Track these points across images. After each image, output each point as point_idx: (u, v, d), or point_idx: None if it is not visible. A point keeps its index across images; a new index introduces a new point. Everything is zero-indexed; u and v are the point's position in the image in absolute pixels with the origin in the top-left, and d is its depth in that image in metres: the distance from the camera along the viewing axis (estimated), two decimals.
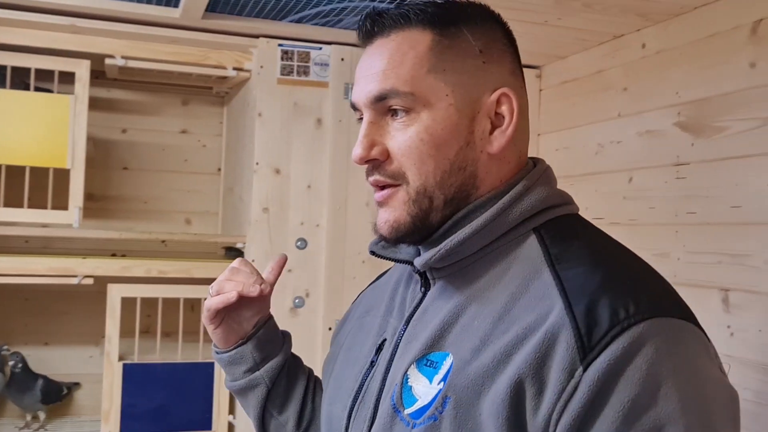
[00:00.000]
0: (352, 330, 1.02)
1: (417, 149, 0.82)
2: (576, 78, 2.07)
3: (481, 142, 0.84)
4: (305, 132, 2.16)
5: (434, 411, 0.76)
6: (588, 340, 0.70)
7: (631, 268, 0.80)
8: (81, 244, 2.30)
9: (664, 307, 0.73)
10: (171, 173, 2.57)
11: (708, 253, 1.56)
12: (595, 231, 0.86)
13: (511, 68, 0.87)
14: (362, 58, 0.87)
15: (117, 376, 2.06)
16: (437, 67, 0.82)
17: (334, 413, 0.93)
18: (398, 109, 0.83)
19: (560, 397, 0.69)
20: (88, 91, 2.05)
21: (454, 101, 0.83)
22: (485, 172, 0.85)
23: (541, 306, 0.75)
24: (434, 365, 0.80)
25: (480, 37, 0.85)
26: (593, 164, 1.95)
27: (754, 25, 1.48)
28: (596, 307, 0.72)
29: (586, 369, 0.69)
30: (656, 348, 0.69)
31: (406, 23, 0.84)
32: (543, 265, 0.79)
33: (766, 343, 1.41)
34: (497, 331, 0.77)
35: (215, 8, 1.94)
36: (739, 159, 1.50)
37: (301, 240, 2.14)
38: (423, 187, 0.83)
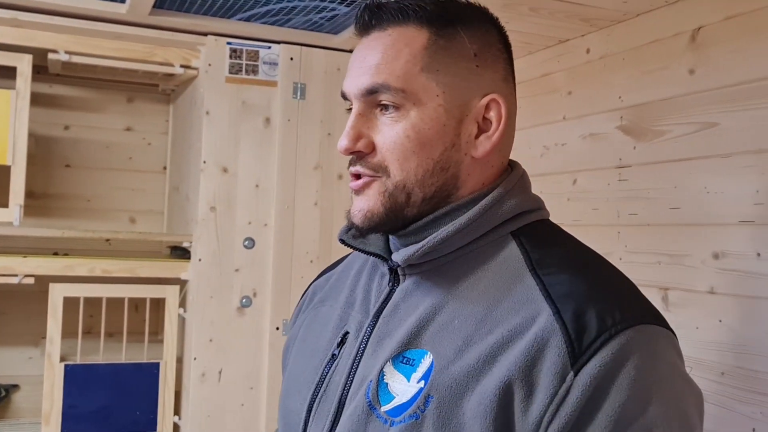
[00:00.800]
0: (306, 320, 1.01)
1: (402, 145, 0.82)
2: (522, 81, 2.11)
3: (467, 146, 0.84)
4: (253, 131, 2.15)
5: (416, 409, 0.76)
6: (578, 345, 0.72)
7: (609, 275, 0.83)
8: (22, 243, 2.25)
9: (645, 315, 0.77)
10: (115, 171, 2.53)
11: (648, 253, 1.61)
12: (569, 237, 0.89)
13: (503, 74, 0.87)
14: (357, 49, 0.87)
15: (58, 377, 2.02)
16: (431, 66, 0.82)
17: (291, 407, 0.92)
18: (388, 104, 0.83)
19: (552, 400, 0.71)
20: (30, 86, 2.01)
21: (444, 102, 0.83)
22: (467, 174, 0.85)
23: (526, 309, 0.76)
24: (411, 363, 0.80)
25: (476, 41, 0.85)
26: (538, 166, 1.99)
27: (694, 33, 1.53)
28: (584, 313, 0.74)
29: (577, 373, 0.71)
30: (642, 354, 0.73)
31: (404, 19, 0.84)
32: (524, 270, 0.80)
33: (703, 339, 1.46)
34: (480, 332, 0.77)
35: (163, 5, 1.92)
36: (679, 162, 1.54)
37: (249, 239, 2.14)
38: (403, 182, 0.83)
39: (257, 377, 2.14)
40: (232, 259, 2.12)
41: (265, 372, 2.14)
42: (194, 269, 2.11)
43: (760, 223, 1.36)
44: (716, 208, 1.45)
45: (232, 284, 2.12)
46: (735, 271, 1.40)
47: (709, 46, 1.49)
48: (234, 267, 2.12)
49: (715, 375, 1.42)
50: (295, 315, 1.08)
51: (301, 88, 2.18)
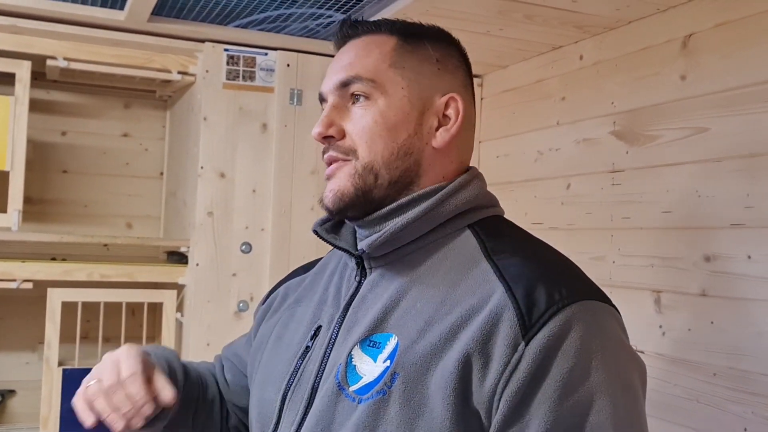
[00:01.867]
0: (281, 320, 1.05)
1: (370, 129, 0.92)
2: (516, 87, 2.13)
3: (428, 135, 0.94)
4: (250, 136, 2.17)
5: (383, 386, 0.82)
6: (528, 318, 0.79)
7: (556, 259, 0.91)
8: (20, 248, 2.25)
9: (588, 292, 0.84)
10: (112, 177, 2.54)
11: (641, 257, 1.63)
12: (520, 230, 0.97)
13: (463, 82, 0.99)
14: (335, 57, 0.98)
15: (56, 382, 2.03)
16: (398, 64, 0.94)
17: (265, 397, 0.97)
18: (359, 95, 0.93)
19: (505, 369, 0.77)
20: (28, 92, 2.02)
21: (408, 94, 0.93)
22: (428, 164, 0.94)
23: (482, 290, 0.84)
24: (377, 345, 0.86)
25: (438, 50, 0.97)
26: (532, 171, 2.01)
27: (685, 40, 1.55)
28: (534, 290, 0.81)
29: (528, 343, 0.78)
30: (587, 326, 0.80)
31: (376, 29, 0.97)
32: (480, 256, 0.88)
33: (695, 341, 1.48)
34: (440, 313, 0.84)
35: (161, 11, 1.93)
36: (671, 166, 1.57)
37: (246, 244, 2.15)
38: (371, 164, 0.92)
39: None
40: (230, 264, 2.13)
41: None
42: (191, 274, 2.12)
43: (751, 226, 1.38)
44: (708, 211, 1.47)
45: (230, 289, 2.13)
46: (726, 274, 1.43)
47: (701, 53, 1.51)
48: (231, 272, 2.14)
49: (707, 376, 1.44)
50: (264, 308, 1.12)
51: (297, 94, 2.20)
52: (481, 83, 2.31)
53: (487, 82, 2.28)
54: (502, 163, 2.15)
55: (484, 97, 2.29)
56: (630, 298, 1.62)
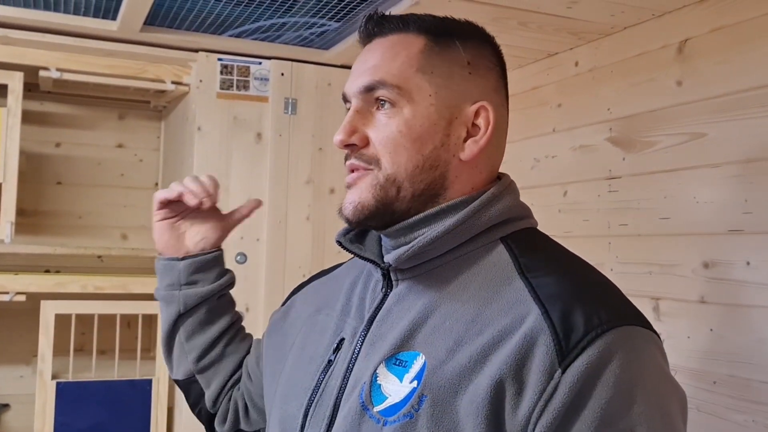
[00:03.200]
0: (303, 329, 1.02)
1: (394, 140, 0.86)
2: (512, 94, 2.11)
3: (455, 147, 0.88)
4: (245, 146, 2.15)
5: (410, 409, 0.78)
6: (566, 344, 0.74)
7: (594, 279, 0.85)
8: (13, 260, 2.24)
9: (629, 316, 0.79)
10: (107, 188, 2.53)
11: (639, 264, 1.62)
12: (556, 244, 0.91)
13: (495, 85, 0.91)
14: (359, 56, 0.92)
15: (50, 396, 2.01)
16: (425, 68, 0.87)
17: (288, 412, 0.93)
18: (384, 100, 0.87)
19: (540, 397, 0.73)
20: (21, 103, 2.01)
21: (436, 102, 0.87)
22: (455, 176, 0.88)
23: (515, 310, 0.78)
24: (404, 364, 0.82)
25: (469, 51, 0.89)
26: (529, 178, 2.00)
27: (680, 45, 1.55)
28: (571, 313, 0.76)
29: (565, 371, 0.73)
30: (627, 354, 0.74)
31: (404, 27, 0.89)
32: (513, 273, 0.83)
33: (695, 349, 1.46)
34: (471, 333, 0.79)
35: (154, 21, 1.93)
36: (668, 172, 1.56)
37: (241, 254, 2.13)
38: (393, 175, 0.86)
39: None
40: None
41: None
42: None
43: (750, 231, 1.37)
44: (706, 217, 1.46)
45: None
46: (725, 280, 1.41)
47: (696, 58, 1.50)
48: None
49: (707, 384, 1.43)
50: (282, 314, 1.11)
51: (292, 103, 2.19)
52: None
53: None
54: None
55: None
56: None
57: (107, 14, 1.88)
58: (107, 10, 1.85)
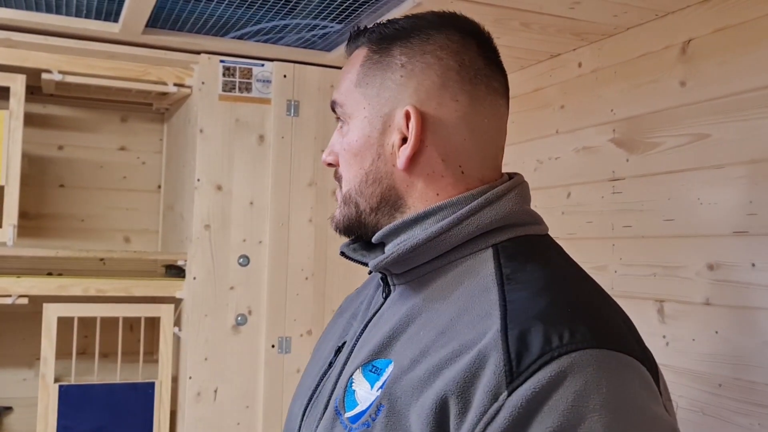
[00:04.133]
0: (324, 332, 1.05)
1: (342, 157, 0.89)
2: (515, 96, 2.11)
3: (392, 157, 0.85)
4: (247, 148, 2.15)
5: (368, 417, 0.76)
6: (517, 365, 0.68)
7: (580, 297, 0.77)
8: (15, 263, 2.24)
9: (602, 339, 0.70)
10: (109, 191, 2.52)
11: (643, 266, 1.61)
12: (556, 255, 0.84)
13: (439, 81, 0.84)
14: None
15: (52, 399, 2.01)
16: (362, 81, 0.87)
17: (293, 410, 0.95)
18: (340, 118, 0.90)
19: (481, 419, 0.67)
20: (23, 106, 2.01)
21: (369, 114, 0.86)
22: (406, 186, 0.85)
23: (481, 325, 0.73)
24: (378, 371, 0.80)
25: (408, 53, 0.84)
26: (532, 180, 1.99)
27: (684, 46, 1.54)
28: (529, 333, 0.70)
29: (510, 394, 0.67)
30: (585, 380, 0.67)
31: (357, 41, 0.91)
32: (492, 284, 0.77)
33: (700, 351, 1.45)
34: (437, 344, 0.75)
35: (156, 23, 1.92)
36: (671, 174, 1.55)
37: (244, 257, 2.13)
38: (348, 193, 0.89)
39: (253, 396, 2.13)
40: (227, 277, 2.11)
41: (261, 390, 2.13)
42: (189, 288, 2.10)
43: (754, 233, 1.36)
44: (710, 219, 1.45)
45: (227, 302, 2.11)
46: (730, 282, 1.40)
47: (700, 59, 1.50)
48: (229, 285, 2.12)
49: (712, 387, 1.42)
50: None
51: (294, 105, 2.19)
52: None
53: None
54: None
55: None
56: (632, 308, 1.60)
57: (109, 17, 1.88)
58: (109, 12, 1.85)
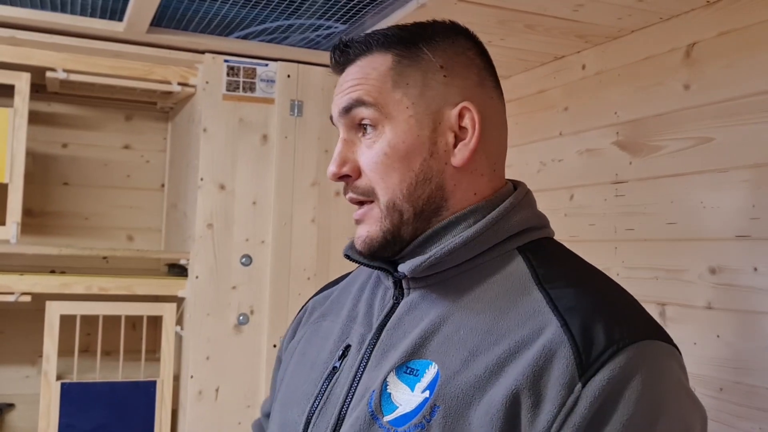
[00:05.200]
0: (306, 335, 1.01)
1: (382, 163, 0.85)
2: (519, 97, 2.11)
3: (445, 155, 0.86)
4: (251, 148, 2.15)
5: (421, 419, 0.76)
6: (586, 357, 0.72)
7: (614, 292, 0.83)
8: (18, 261, 2.24)
9: (649, 331, 0.77)
10: (113, 189, 2.53)
11: (645, 269, 1.60)
12: (574, 255, 0.90)
13: (477, 80, 0.89)
14: (337, 84, 0.92)
15: (54, 396, 2.01)
16: (399, 82, 0.86)
17: (289, 418, 0.91)
18: (367, 125, 0.86)
19: (560, 411, 0.71)
20: (27, 104, 2.01)
21: (415, 113, 0.85)
22: (453, 185, 0.86)
23: (533, 321, 0.77)
24: (415, 373, 0.80)
25: (441, 54, 0.87)
26: (535, 182, 1.99)
27: (688, 49, 1.53)
28: (592, 327, 0.74)
29: (585, 385, 0.71)
30: (649, 370, 0.73)
31: (368, 49, 0.88)
32: (531, 284, 0.81)
33: (701, 355, 1.45)
34: (486, 343, 0.78)
35: (160, 23, 1.93)
36: (675, 177, 1.54)
37: (246, 257, 2.13)
38: (392, 201, 0.85)
39: (254, 395, 2.13)
40: (230, 277, 2.12)
41: (262, 390, 2.13)
42: (191, 287, 2.10)
43: (757, 237, 1.36)
44: (713, 222, 1.45)
45: (230, 302, 2.11)
46: (732, 286, 1.40)
47: (704, 62, 1.49)
48: (231, 284, 2.12)
49: (713, 391, 1.42)
50: (292, 329, 1.08)
51: (298, 105, 2.19)
52: None
53: None
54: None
55: None
56: None
57: (114, 15, 1.89)
58: (114, 11, 1.86)
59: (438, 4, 1.55)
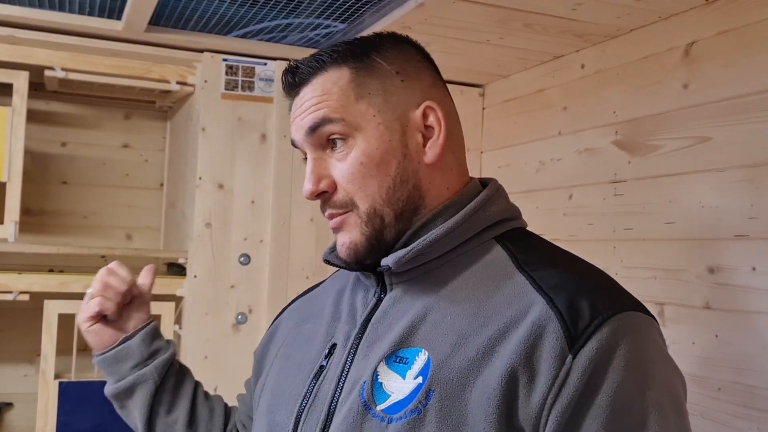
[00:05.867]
0: (287, 340, 1.02)
1: (359, 173, 0.87)
2: (518, 97, 2.11)
3: (417, 155, 0.89)
4: (249, 147, 2.15)
5: (417, 404, 0.78)
6: (574, 330, 0.76)
7: (591, 270, 0.88)
8: (17, 260, 2.24)
9: (629, 303, 0.82)
10: (112, 188, 2.52)
11: (644, 268, 1.60)
12: (547, 242, 0.94)
13: (430, 81, 0.93)
14: (293, 106, 0.92)
15: (52, 395, 2.01)
16: (361, 93, 0.88)
17: (277, 421, 0.92)
18: (336, 138, 0.88)
19: (554, 383, 0.74)
20: (26, 103, 2.01)
21: (382, 120, 0.88)
22: (428, 182, 0.89)
23: (519, 302, 0.80)
24: (405, 361, 0.82)
25: (393, 61, 0.90)
26: (534, 181, 1.99)
27: (687, 48, 1.53)
28: (576, 301, 0.78)
29: (576, 356, 0.75)
30: (634, 338, 0.77)
31: (322, 67, 0.89)
32: (512, 268, 0.85)
33: (699, 355, 1.45)
34: (474, 326, 0.81)
35: (159, 21, 1.92)
36: (673, 176, 1.54)
37: (245, 256, 2.13)
38: (372, 207, 0.87)
39: None
40: (228, 276, 2.11)
41: None
42: (189, 286, 2.10)
43: (755, 237, 1.36)
44: (711, 222, 1.45)
45: (228, 301, 2.11)
46: (730, 286, 1.40)
47: (703, 61, 1.49)
48: (229, 283, 2.12)
49: (711, 391, 1.41)
50: (264, 343, 1.10)
51: None
52: (483, 93, 2.29)
53: (488, 92, 2.27)
54: (503, 174, 2.13)
55: (485, 107, 2.27)
56: None
57: (112, 14, 1.88)
58: (112, 10, 1.85)
59: (437, 3, 1.55)
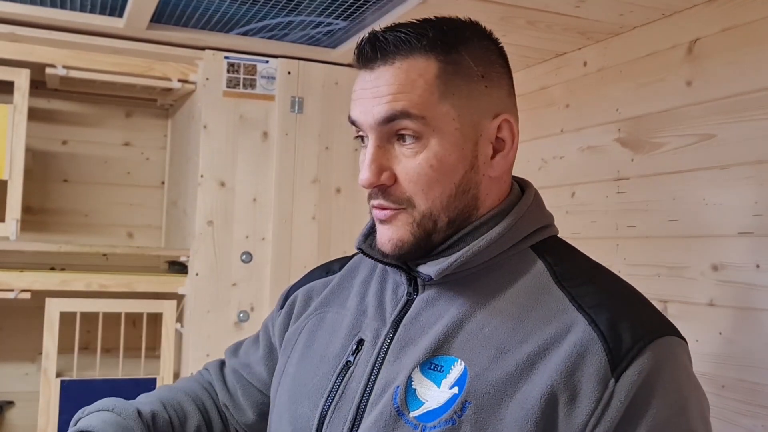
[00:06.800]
0: (308, 325, 0.99)
1: (426, 175, 0.83)
2: (520, 94, 2.09)
3: (484, 166, 0.86)
4: (251, 145, 2.15)
5: (452, 415, 0.77)
6: (617, 353, 0.76)
7: (625, 288, 0.87)
8: (18, 258, 2.24)
9: (666, 326, 0.81)
10: (113, 186, 2.52)
11: (647, 266, 1.60)
12: (577, 251, 0.92)
13: (507, 90, 0.88)
14: (363, 80, 0.86)
15: (54, 393, 2.01)
16: (446, 92, 0.83)
17: (300, 413, 0.90)
18: (407, 134, 0.83)
19: (597, 406, 0.74)
20: (27, 101, 2.01)
21: (460, 126, 0.83)
22: (485, 194, 0.87)
23: (559, 319, 0.80)
24: (440, 369, 0.81)
25: (480, 62, 0.85)
26: (537, 179, 1.99)
27: (690, 45, 1.53)
28: (618, 323, 0.78)
29: (618, 379, 0.74)
30: (672, 364, 0.78)
31: (408, 50, 0.83)
32: (550, 282, 0.84)
33: (703, 352, 1.45)
34: (513, 341, 0.80)
35: (160, 19, 1.92)
36: (676, 174, 1.54)
37: (246, 253, 2.13)
38: (429, 211, 0.84)
39: None
40: (230, 274, 2.11)
41: None
42: (191, 284, 2.10)
43: (759, 234, 1.36)
44: (715, 219, 1.44)
45: (230, 299, 2.11)
46: (734, 283, 1.39)
47: (706, 58, 1.49)
48: (231, 281, 2.11)
49: (716, 388, 1.41)
50: (283, 319, 1.05)
51: (298, 102, 2.18)
52: None
53: None
54: None
55: None
56: None
57: (114, 12, 1.88)
58: (114, 7, 1.85)
59: (440, 1, 1.54)
